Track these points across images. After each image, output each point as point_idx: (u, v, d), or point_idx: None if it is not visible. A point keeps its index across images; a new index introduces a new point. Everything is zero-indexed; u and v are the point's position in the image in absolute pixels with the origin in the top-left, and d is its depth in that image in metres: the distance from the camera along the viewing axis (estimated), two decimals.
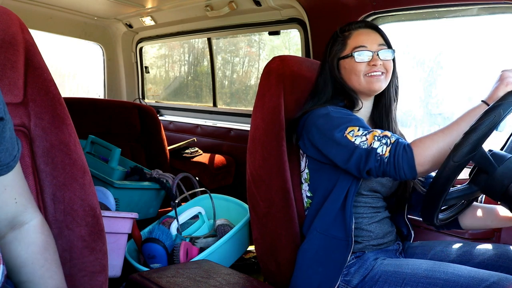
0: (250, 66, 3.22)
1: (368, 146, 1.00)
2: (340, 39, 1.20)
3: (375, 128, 1.08)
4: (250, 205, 1.29)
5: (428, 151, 0.95)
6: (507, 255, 1.07)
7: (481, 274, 0.92)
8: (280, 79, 1.23)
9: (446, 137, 0.95)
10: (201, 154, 2.61)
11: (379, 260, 1.09)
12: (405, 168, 0.96)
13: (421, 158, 0.95)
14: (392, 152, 0.97)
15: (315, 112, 1.14)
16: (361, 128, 1.04)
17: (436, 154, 0.95)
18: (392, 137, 1.00)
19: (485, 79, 1.87)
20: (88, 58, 3.26)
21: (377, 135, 1.00)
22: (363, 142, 1.01)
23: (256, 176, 1.25)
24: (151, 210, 1.98)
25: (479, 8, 1.49)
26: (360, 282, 1.06)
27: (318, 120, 1.11)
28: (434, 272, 0.97)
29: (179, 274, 1.03)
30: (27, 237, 0.74)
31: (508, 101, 0.85)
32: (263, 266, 1.29)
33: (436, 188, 0.90)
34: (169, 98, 3.48)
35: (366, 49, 1.15)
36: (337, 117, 1.08)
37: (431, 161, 0.96)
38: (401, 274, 1.01)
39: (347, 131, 1.04)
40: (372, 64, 1.15)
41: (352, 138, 1.03)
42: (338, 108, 1.14)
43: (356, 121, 1.07)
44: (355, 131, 1.03)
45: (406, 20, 1.73)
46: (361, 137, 1.02)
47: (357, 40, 1.17)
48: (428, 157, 0.95)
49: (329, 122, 1.08)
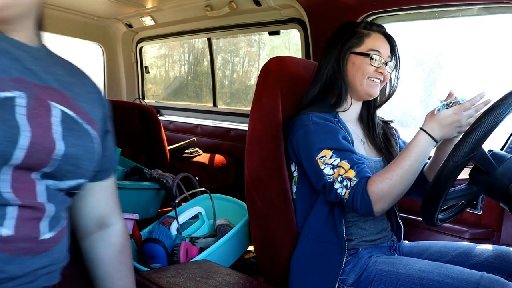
0: (250, 66, 3.22)
1: (332, 181, 1.05)
2: (359, 34, 1.18)
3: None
4: (248, 205, 1.29)
5: (387, 198, 1.01)
6: (503, 256, 1.07)
7: (473, 276, 0.92)
8: (277, 80, 1.23)
9: (400, 177, 1.01)
10: (201, 154, 2.61)
11: (374, 257, 1.09)
12: (363, 210, 1.03)
13: (380, 203, 1.01)
14: (351, 195, 1.03)
15: (299, 120, 1.15)
16: (334, 153, 1.06)
17: (396, 197, 1.02)
18: (353, 180, 1.03)
19: (485, 79, 1.87)
20: (88, 58, 3.26)
21: (341, 175, 1.04)
22: (329, 176, 1.06)
23: (255, 176, 1.25)
24: (151, 210, 1.98)
25: (479, 8, 1.48)
26: (355, 281, 1.06)
27: (298, 131, 1.13)
28: (427, 273, 0.97)
29: (179, 274, 1.03)
30: (109, 238, 0.83)
31: (508, 101, 0.85)
32: (262, 266, 1.29)
33: (436, 188, 0.90)
34: (169, 98, 3.48)
35: (381, 55, 1.16)
36: (313, 135, 1.10)
37: (390, 202, 1.02)
38: (395, 274, 1.01)
39: (319, 155, 1.07)
40: (379, 71, 1.16)
41: (322, 165, 1.07)
42: (320, 118, 1.13)
43: (331, 140, 1.08)
44: (327, 157, 1.06)
45: (406, 20, 1.73)
46: (330, 168, 1.06)
47: (374, 42, 1.17)
48: (388, 202, 1.02)
49: (307, 139, 1.11)
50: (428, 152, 1.03)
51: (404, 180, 1.01)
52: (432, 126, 1.02)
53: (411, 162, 1.01)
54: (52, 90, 0.64)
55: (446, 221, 1.03)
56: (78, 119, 0.67)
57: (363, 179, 1.02)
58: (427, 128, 1.02)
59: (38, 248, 0.61)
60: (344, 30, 1.21)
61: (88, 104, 0.72)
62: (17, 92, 0.58)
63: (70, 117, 0.65)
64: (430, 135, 1.02)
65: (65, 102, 0.65)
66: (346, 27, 1.22)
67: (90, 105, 0.72)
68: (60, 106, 0.64)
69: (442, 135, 1.02)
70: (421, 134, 1.03)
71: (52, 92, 0.64)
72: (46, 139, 0.60)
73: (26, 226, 0.59)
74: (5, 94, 0.56)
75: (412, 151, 1.02)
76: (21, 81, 0.60)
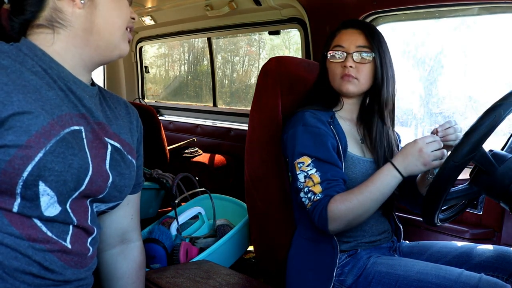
0: (250, 65, 3.21)
1: (301, 188, 1.07)
2: (330, 38, 1.19)
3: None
4: (248, 205, 1.29)
5: (344, 219, 1.01)
6: (503, 256, 1.07)
7: (472, 279, 0.92)
8: (277, 80, 1.23)
9: (359, 202, 1.00)
10: (201, 154, 2.61)
11: (372, 258, 1.09)
12: (319, 225, 1.04)
13: (335, 223, 1.01)
14: (311, 207, 1.04)
15: (293, 118, 1.15)
16: (313, 162, 1.06)
17: (352, 221, 1.02)
18: (317, 196, 1.03)
19: (485, 79, 1.87)
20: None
21: (308, 186, 1.05)
22: (300, 183, 1.07)
23: (255, 176, 1.24)
24: (150, 210, 1.98)
25: (479, 7, 1.48)
26: (354, 282, 1.06)
27: (290, 130, 1.13)
28: (426, 275, 0.97)
29: (179, 275, 1.03)
30: (131, 254, 0.87)
31: (508, 101, 0.85)
32: (262, 266, 1.29)
33: (437, 188, 0.89)
34: (169, 97, 3.48)
35: (343, 49, 1.13)
36: (299, 138, 1.09)
37: (346, 225, 1.02)
38: (394, 275, 1.01)
39: (298, 160, 1.08)
40: (343, 66, 1.13)
41: (297, 170, 1.08)
42: (314, 117, 1.12)
43: (315, 148, 1.07)
44: (304, 163, 1.07)
45: (406, 20, 1.73)
46: (303, 176, 1.06)
47: (337, 39, 1.16)
48: (343, 223, 1.02)
49: (293, 140, 1.11)
50: (391, 183, 1.00)
51: (362, 206, 1.00)
52: (397, 156, 1.01)
53: (371, 189, 1.00)
54: (103, 126, 0.73)
55: (446, 221, 1.03)
56: (122, 151, 0.75)
57: (327, 198, 1.03)
58: (393, 158, 1.02)
59: (83, 263, 0.70)
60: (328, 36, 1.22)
61: (129, 134, 0.80)
62: (82, 127, 0.67)
63: (119, 150, 0.74)
64: (393, 165, 1.00)
65: (114, 136, 0.74)
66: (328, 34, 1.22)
67: (130, 135, 0.80)
68: (111, 141, 0.73)
69: (405, 166, 0.99)
70: (386, 163, 1.02)
71: (105, 127, 0.73)
72: (103, 169, 0.69)
73: (79, 243, 0.69)
74: (75, 127, 0.66)
75: (374, 178, 1.01)
76: (83, 117, 0.69)
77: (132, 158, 0.78)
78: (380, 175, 1.01)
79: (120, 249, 0.86)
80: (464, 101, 2.02)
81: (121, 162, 0.74)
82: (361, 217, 1.02)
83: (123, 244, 0.87)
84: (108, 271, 0.86)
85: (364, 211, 1.01)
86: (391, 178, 1.00)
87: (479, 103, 1.95)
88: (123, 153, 0.75)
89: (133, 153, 0.79)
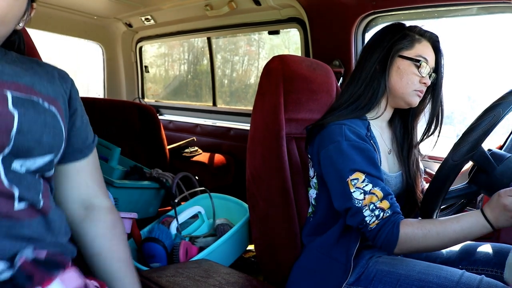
0: (250, 65, 3.21)
1: (360, 206, 0.97)
2: (410, 37, 1.10)
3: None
4: (249, 204, 1.29)
5: (415, 244, 0.93)
6: (502, 252, 1.07)
7: (473, 280, 0.93)
8: (280, 79, 1.23)
9: (436, 233, 0.91)
10: (201, 154, 2.61)
11: (374, 257, 1.09)
12: (383, 246, 0.96)
13: (404, 246, 0.94)
14: (379, 226, 0.95)
15: (330, 130, 1.06)
16: (367, 177, 0.98)
17: (421, 249, 0.94)
18: (387, 212, 0.96)
19: (485, 78, 1.87)
20: (88, 57, 3.26)
21: (374, 203, 0.96)
22: (359, 201, 0.98)
23: (256, 175, 1.25)
24: (150, 209, 1.98)
25: (478, 7, 1.49)
26: (356, 280, 1.06)
27: (329, 144, 1.04)
28: (427, 275, 0.97)
29: (178, 274, 1.03)
30: (97, 216, 0.83)
31: (508, 100, 0.85)
32: (263, 266, 1.29)
33: (436, 187, 0.90)
34: (168, 97, 3.48)
35: (428, 64, 1.09)
36: (347, 154, 1.01)
37: (412, 251, 0.96)
38: (395, 274, 1.01)
39: (351, 177, 0.99)
40: (422, 82, 1.09)
41: (352, 188, 0.99)
42: (353, 133, 1.04)
43: (364, 163, 1.00)
44: (359, 180, 0.99)
45: (406, 20, 1.73)
46: (361, 193, 0.98)
47: (424, 50, 1.09)
48: (412, 249, 0.94)
49: (338, 156, 1.02)
50: (477, 233, 0.90)
51: (438, 238, 0.91)
52: (484, 208, 0.90)
53: (455, 228, 0.90)
54: (6, 82, 0.68)
55: None
56: (34, 99, 0.70)
57: (397, 215, 0.96)
58: (483, 208, 0.90)
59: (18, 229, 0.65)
60: (394, 30, 1.11)
61: (46, 87, 0.74)
62: None
63: (24, 99, 0.68)
64: (484, 216, 0.89)
65: (19, 89, 0.69)
66: (397, 27, 1.12)
67: (50, 87, 0.75)
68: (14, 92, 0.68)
69: (495, 219, 0.88)
70: (476, 212, 0.91)
71: (7, 83, 0.68)
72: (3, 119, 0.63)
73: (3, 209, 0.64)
74: None
75: (462, 219, 0.91)
76: None
77: (53, 107, 0.72)
78: (470, 218, 0.90)
79: (85, 215, 0.83)
80: (463, 101, 2.02)
81: (32, 109, 0.68)
82: (427, 249, 0.94)
83: (87, 211, 0.83)
84: (81, 238, 0.82)
85: (435, 245, 0.93)
86: (481, 227, 0.89)
87: (478, 102, 1.96)
88: (33, 101, 0.69)
89: (56, 103, 0.73)
